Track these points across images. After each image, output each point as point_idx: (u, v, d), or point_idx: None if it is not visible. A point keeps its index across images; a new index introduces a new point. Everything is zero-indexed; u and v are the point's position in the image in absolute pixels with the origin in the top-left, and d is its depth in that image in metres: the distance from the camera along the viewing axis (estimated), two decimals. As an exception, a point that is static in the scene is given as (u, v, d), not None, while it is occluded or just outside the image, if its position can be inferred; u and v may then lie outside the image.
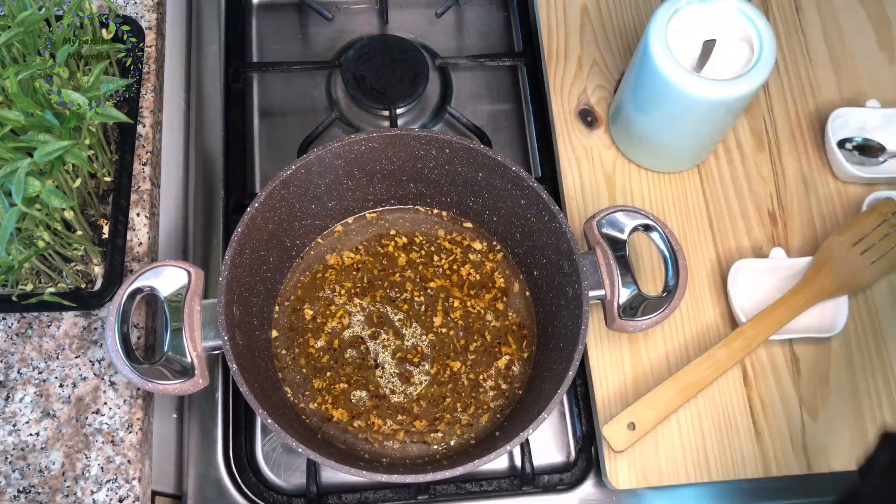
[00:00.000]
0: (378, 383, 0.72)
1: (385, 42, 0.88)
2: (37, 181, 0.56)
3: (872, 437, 0.72)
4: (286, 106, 0.88)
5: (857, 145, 0.82)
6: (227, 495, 0.71)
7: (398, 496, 0.71)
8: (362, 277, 0.75)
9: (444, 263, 0.76)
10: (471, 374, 0.72)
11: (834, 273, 0.74)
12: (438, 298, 0.75)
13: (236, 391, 0.74)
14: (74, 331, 0.67)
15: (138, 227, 0.71)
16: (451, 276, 0.75)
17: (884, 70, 0.88)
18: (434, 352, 0.73)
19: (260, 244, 0.68)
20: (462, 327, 0.74)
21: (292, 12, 0.93)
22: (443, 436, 0.70)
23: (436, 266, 0.76)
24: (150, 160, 0.74)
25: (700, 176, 0.82)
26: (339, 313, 0.74)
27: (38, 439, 0.64)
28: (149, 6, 0.79)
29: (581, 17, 0.89)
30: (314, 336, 0.73)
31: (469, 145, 0.69)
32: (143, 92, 0.76)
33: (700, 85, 0.68)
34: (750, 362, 0.75)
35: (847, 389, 0.74)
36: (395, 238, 0.77)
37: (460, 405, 0.71)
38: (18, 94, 0.57)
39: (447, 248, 0.77)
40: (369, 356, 0.72)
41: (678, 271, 0.66)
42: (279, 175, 0.67)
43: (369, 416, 0.70)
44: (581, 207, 0.80)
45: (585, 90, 0.85)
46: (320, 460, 0.58)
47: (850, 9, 0.91)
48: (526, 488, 0.72)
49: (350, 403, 0.71)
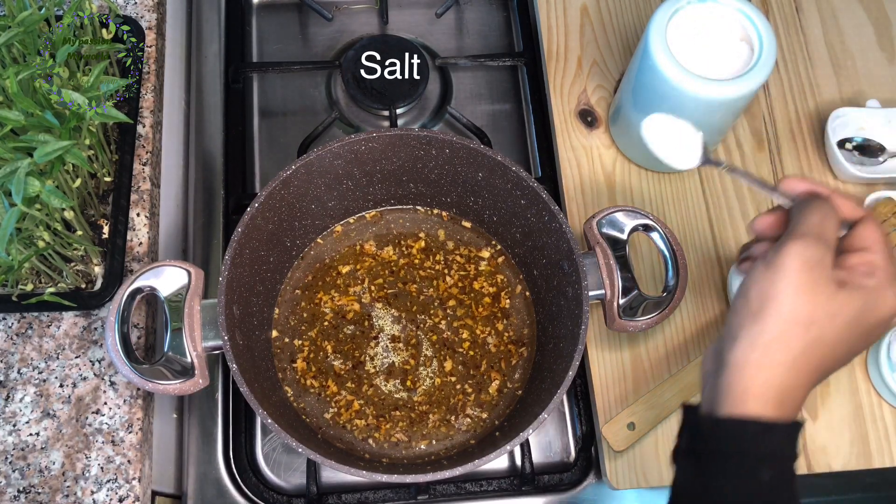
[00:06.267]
0: (378, 383, 0.72)
1: (385, 42, 0.88)
2: (37, 181, 0.56)
3: (872, 437, 0.73)
4: (286, 106, 0.88)
5: (857, 145, 0.82)
6: (227, 495, 0.71)
7: (398, 496, 0.71)
8: (363, 277, 0.75)
9: (443, 264, 0.76)
10: (471, 374, 0.72)
11: (834, 273, 0.74)
12: (439, 299, 0.75)
13: (236, 391, 0.74)
14: (74, 331, 0.67)
15: (138, 227, 0.71)
16: (451, 277, 0.75)
17: (884, 70, 0.88)
18: (435, 352, 0.73)
19: (260, 244, 0.68)
20: (463, 328, 0.74)
21: (292, 12, 0.93)
22: (443, 436, 0.70)
23: (436, 267, 0.76)
24: (150, 160, 0.74)
25: (700, 176, 0.82)
26: (340, 313, 0.74)
27: (38, 439, 0.64)
28: (149, 6, 0.79)
29: (581, 17, 0.89)
30: (315, 336, 0.73)
31: (469, 145, 0.69)
32: (143, 92, 0.76)
33: (700, 85, 0.68)
34: (750, 362, 0.75)
35: (847, 389, 0.74)
36: (395, 239, 0.77)
37: (461, 405, 0.71)
38: (18, 94, 0.57)
39: (449, 248, 0.77)
40: (370, 356, 0.72)
41: (678, 271, 0.66)
42: (279, 175, 0.67)
43: (369, 415, 0.70)
44: (581, 207, 0.80)
45: (585, 90, 0.85)
46: (320, 460, 0.58)
47: (850, 9, 0.91)
48: (526, 488, 0.72)
49: (350, 403, 0.71)
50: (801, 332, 0.45)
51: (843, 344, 0.46)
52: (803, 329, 0.45)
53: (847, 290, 0.46)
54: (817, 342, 0.45)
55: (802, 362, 0.45)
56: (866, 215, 0.50)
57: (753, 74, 0.68)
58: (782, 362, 0.45)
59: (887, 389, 0.72)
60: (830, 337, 0.45)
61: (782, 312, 0.45)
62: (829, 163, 0.83)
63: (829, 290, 0.45)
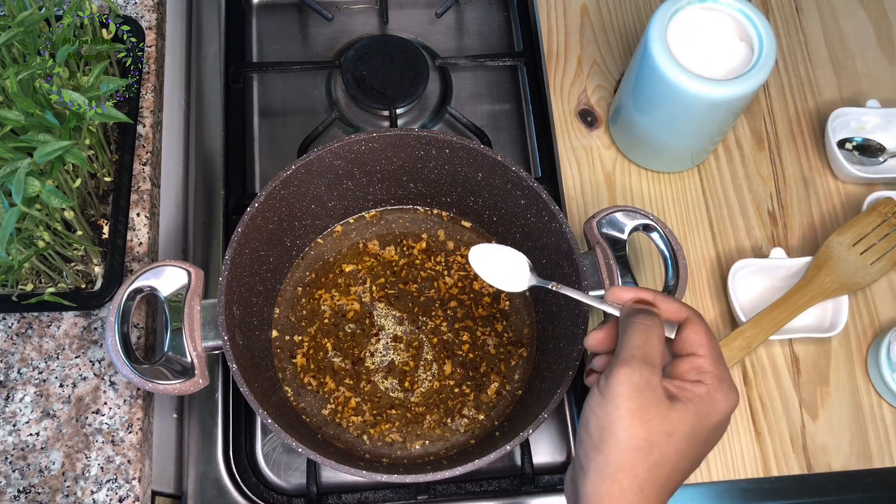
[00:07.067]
0: (377, 380, 0.72)
1: (385, 42, 0.88)
2: (37, 181, 0.56)
3: (872, 437, 0.73)
4: (286, 106, 0.88)
5: (857, 145, 0.82)
6: (227, 495, 0.71)
7: (398, 496, 0.71)
8: (365, 278, 0.75)
9: (443, 265, 0.76)
10: (470, 376, 0.72)
11: (834, 273, 0.74)
12: (440, 300, 0.75)
13: (236, 391, 0.73)
14: (74, 331, 0.67)
15: (138, 227, 0.71)
16: (451, 277, 0.75)
17: (884, 70, 0.88)
18: (435, 356, 0.73)
19: (260, 244, 0.68)
20: (464, 329, 0.74)
21: (292, 12, 0.93)
22: (437, 437, 0.70)
23: (437, 268, 0.76)
24: (150, 160, 0.74)
25: (700, 176, 0.82)
26: (340, 312, 0.74)
27: (38, 439, 0.64)
28: (149, 6, 0.79)
29: (581, 17, 0.89)
30: (314, 332, 0.73)
31: (469, 145, 0.69)
32: (143, 92, 0.76)
33: (700, 85, 0.68)
34: (750, 362, 0.75)
35: (847, 389, 0.74)
36: (396, 239, 0.77)
37: (461, 405, 0.71)
38: (18, 94, 0.57)
39: (449, 248, 0.77)
40: (370, 352, 0.72)
41: (678, 271, 0.66)
42: (279, 175, 0.67)
43: (366, 412, 0.70)
44: (581, 207, 0.80)
45: (585, 90, 0.85)
46: (320, 460, 0.58)
47: (850, 9, 0.91)
48: (526, 488, 0.72)
49: (350, 403, 0.71)
50: (643, 457, 0.46)
51: (687, 458, 0.47)
52: (644, 455, 0.46)
53: (679, 405, 0.47)
54: (661, 462, 0.46)
55: (650, 485, 0.46)
56: (691, 315, 0.51)
57: (753, 74, 0.68)
58: (631, 488, 0.46)
59: (887, 389, 0.72)
60: (672, 454, 0.46)
61: (621, 441, 0.46)
62: (829, 163, 0.83)
63: (661, 411, 0.46)
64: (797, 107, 0.86)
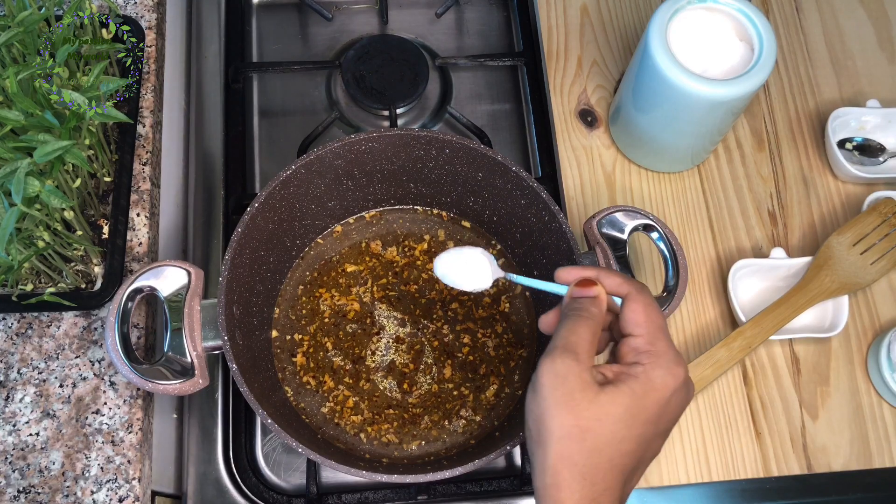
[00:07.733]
0: (376, 379, 0.72)
1: (385, 42, 0.88)
2: (37, 181, 0.56)
3: (872, 437, 0.73)
4: (286, 106, 0.88)
5: (857, 145, 0.82)
6: (227, 495, 0.71)
7: (398, 496, 0.71)
8: (366, 278, 0.75)
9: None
10: (469, 378, 0.72)
11: (834, 273, 0.74)
12: (441, 301, 0.75)
13: (236, 391, 0.73)
14: (74, 331, 0.67)
15: (138, 227, 0.71)
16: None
17: (884, 70, 0.88)
18: (435, 359, 0.73)
19: (260, 244, 0.68)
20: (465, 332, 0.74)
21: (292, 12, 0.93)
22: (442, 436, 0.70)
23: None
24: (150, 160, 0.74)
25: (700, 176, 0.82)
26: (340, 312, 0.74)
27: (38, 439, 0.64)
28: (149, 6, 0.79)
29: (581, 17, 0.89)
30: (314, 331, 0.73)
31: (469, 145, 0.69)
32: (143, 92, 0.76)
33: (700, 85, 0.68)
34: (750, 362, 0.75)
35: (847, 389, 0.74)
36: (397, 239, 0.77)
37: (460, 405, 0.71)
38: (18, 94, 0.57)
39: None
40: (371, 350, 0.72)
41: (678, 271, 0.66)
42: (279, 175, 0.67)
43: (364, 410, 0.70)
44: (581, 207, 0.80)
45: (585, 90, 0.85)
46: (320, 460, 0.58)
47: (850, 9, 0.91)
48: (526, 488, 0.72)
49: (348, 402, 0.71)
50: (577, 444, 0.45)
51: (630, 439, 0.46)
52: (578, 442, 0.45)
53: (610, 388, 0.46)
54: (597, 447, 0.45)
55: (593, 471, 0.45)
56: (631, 291, 0.50)
57: (753, 74, 0.68)
58: (573, 477, 0.45)
59: (887, 389, 0.72)
60: (608, 437, 0.45)
61: (553, 432, 0.45)
62: (829, 163, 0.83)
63: (588, 395, 0.45)
64: (797, 107, 0.86)
